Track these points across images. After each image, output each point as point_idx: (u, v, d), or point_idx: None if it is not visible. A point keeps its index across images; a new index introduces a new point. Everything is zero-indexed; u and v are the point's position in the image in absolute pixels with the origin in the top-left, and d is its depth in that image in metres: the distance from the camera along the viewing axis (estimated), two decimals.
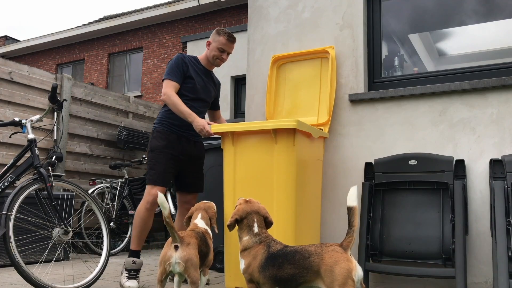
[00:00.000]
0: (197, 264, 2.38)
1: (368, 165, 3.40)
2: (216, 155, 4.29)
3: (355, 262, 1.90)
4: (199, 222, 2.72)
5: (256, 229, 2.22)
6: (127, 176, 5.76)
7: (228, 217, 3.07)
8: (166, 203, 2.34)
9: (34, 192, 3.09)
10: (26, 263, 2.88)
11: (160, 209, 2.43)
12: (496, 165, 3.01)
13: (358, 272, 1.89)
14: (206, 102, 3.56)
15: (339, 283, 1.83)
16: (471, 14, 3.65)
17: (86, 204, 5.05)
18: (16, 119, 3.22)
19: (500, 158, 3.05)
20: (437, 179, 3.12)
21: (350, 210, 1.95)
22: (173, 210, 5.94)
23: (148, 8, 14.53)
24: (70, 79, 5.74)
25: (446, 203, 3.09)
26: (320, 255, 1.92)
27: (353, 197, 1.96)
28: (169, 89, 3.31)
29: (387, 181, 3.27)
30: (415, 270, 2.97)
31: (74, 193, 3.74)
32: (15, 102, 5.12)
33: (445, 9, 3.75)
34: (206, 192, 4.27)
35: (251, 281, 2.14)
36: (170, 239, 2.42)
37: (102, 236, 3.41)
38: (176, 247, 2.36)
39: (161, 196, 2.34)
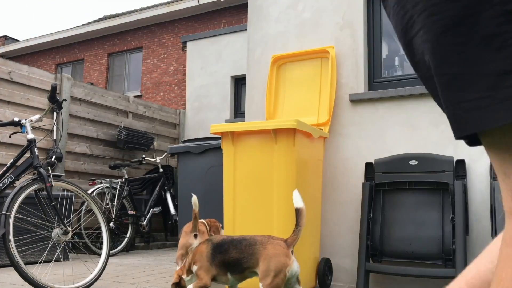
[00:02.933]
0: None
1: (368, 165, 3.40)
2: (216, 155, 4.28)
3: (293, 259, 2.06)
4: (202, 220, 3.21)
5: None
6: (126, 176, 5.75)
7: (228, 217, 3.07)
8: (197, 202, 2.68)
9: (33, 192, 3.09)
10: (26, 263, 2.87)
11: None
12: None
13: (293, 268, 2.05)
14: None
15: (272, 274, 1.99)
16: None
17: (85, 204, 5.04)
18: (16, 119, 3.21)
19: None
20: (438, 179, 3.12)
21: (297, 211, 2.08)
22: (172, 211, 5.93)
23: (147, 8, 14.52)
24: (69, 79, 5.74)
25: (446, 203, 3.09)
26: (265, 245, 2.08)
27: (298, 199, 2.09)
28: None
29: (388, 181, 3.27)
30: (416, 270, 2.97)
31: (73, 193, 3.73)
32: (15, 102, 5.11)
33: None
34: (206, 192, 4.27)
35: (204, 285, 2.23)
36: (186, 228, 2.91)
37: (102, 236, 3.41)
38: (195, 236, 2.86)
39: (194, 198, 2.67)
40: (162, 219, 6.56)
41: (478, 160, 3.16)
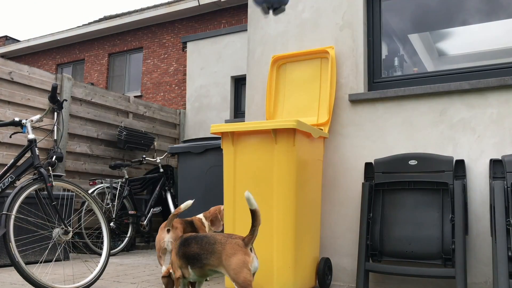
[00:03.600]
0: None
1: (368, 165, 3.40)
2: (216, 155, 4.29)
3: (252, 256, 2.19)
4: (199, 215, 3.49)
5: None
6: (127, 176, 5.76)
7: (228, 217, 3.08)
8: (188, 205, 2.79)
9: (34, 192, 3.09)
10: (26, 263, 2.88)
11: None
12: (496, 165, 3.01)
13: (254, 264, 2.19)
14: None
15: (235, 272, 2.14)
16: (471, 14, 3.65)
17: (86, 204, 5.05)
18: (16, 119, 3.22)
19: (500, 158, 3.05)
20: (437, 179, 3.12)
21: (253, 212, 2.16)
22: (173, 211, 5.94)
23: (148, 8, 14.54)
24: (70, 79, 5.75)
25: (446, 203, 3.09)
26: (224, 244, 2.21)
27: (253, 201, 2.15)
28: None
29: (387, 181, 3.27)
30: (415, 270, 2.98)
31: (74, 193, 3.74)
32: (15, 102, 5.12)
33: (445, 9, 3.75)
34: (206, 192, 4.28)
35: (177, 276, 2.39)
36: (162, 225, 3.16)
37: (102, 236, 3.42)
38: (168, 231, 3.10)
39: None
40: (162, 219, 6.56)
41: (477, 160, 3.16)
